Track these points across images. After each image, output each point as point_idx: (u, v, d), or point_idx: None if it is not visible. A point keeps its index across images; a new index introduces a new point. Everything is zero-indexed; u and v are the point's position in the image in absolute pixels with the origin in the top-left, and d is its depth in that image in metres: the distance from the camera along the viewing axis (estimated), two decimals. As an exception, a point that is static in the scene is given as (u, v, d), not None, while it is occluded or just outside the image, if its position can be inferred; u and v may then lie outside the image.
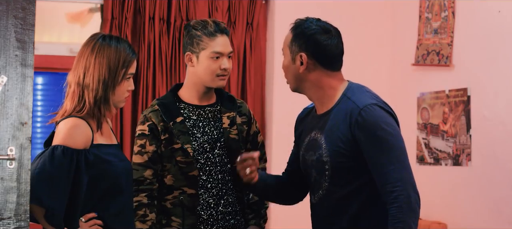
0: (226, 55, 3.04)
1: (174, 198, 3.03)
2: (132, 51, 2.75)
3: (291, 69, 2.80)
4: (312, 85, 2.79)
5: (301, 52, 2.77)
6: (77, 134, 2.63)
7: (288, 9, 5.17)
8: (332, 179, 2.73)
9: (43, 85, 5.04)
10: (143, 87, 4.88)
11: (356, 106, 2.70)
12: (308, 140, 2.84)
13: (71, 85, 2.73)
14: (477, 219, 4.40)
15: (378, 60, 5.30)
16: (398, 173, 2.63)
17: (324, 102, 2.81)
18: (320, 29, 2.79)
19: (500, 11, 4.32)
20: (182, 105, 3.08)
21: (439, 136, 4.74)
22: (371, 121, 2.67)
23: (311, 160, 2.80)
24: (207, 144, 3.05)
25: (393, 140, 2.67)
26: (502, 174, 4.25)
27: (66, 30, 5.19)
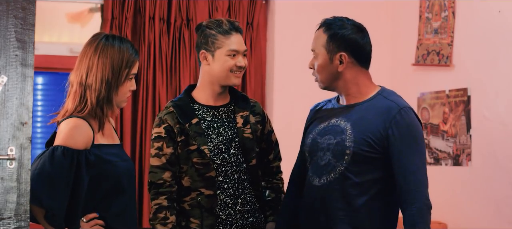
0: (242, 53, 3.07)
1: (192, 199, 3.04)
2: (135, 51, 2.75)
3: (328, 68, 2.88)
4: (347, 82, 2.90)
5: (341, 52, 2.87)
6: (77, 134, 2.63)
7: (288, 9, 5.17)
8: (350, 165, 2.80)
9: (43, 85, 5.04)
10: (143, 87, 4.88)
11: (396, 105, 2.82)
12: (326, 125, 2.91)
13: (73, 85, 2.72)
14: (477, 219, 4.40)
15: (378, 60, 5.27)
16: (423, 177, 2.77)
17: (354, 96, 2.91)
18: (355, 28, 2.93)
19: (500, 11, 4.32)
20: (196, 106, 3.09)
21: (439, 136, 4.74)
22: (408, 122, 2.79)
23: (327, 143, 2.86)
24: (223, 145, 3.06)
25: (423, 146, 2.82)
26: (502, 174, 4.26)
27: (66, 30, 5.19)
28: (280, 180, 3.27)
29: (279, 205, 3.21)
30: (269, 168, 3.24)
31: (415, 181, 2.74)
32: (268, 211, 3.19)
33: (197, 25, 3.18)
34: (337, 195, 2.81)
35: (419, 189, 2.73)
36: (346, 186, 2.80)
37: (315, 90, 5.09)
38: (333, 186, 2.82)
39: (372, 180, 2.80)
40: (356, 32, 2.91)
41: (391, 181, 2.80)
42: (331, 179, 2.83)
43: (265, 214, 3.18)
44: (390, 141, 2.77)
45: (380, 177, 2.80)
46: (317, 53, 2.91)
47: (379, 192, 2.81)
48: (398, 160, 2.76)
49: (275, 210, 3.19)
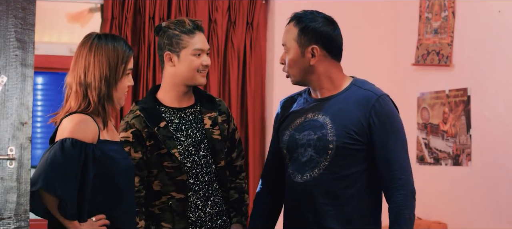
0: (206, 51, 3.04)
1: (162, 203, 3.00)
2: (128, 47, 2.75)
3: (300, 62, 2.86)
4: (320, 76, 2.87)
5: (313, 45, 2.84)
6: (85, 128, 2.63)
7: (288, 9, 5.13)
8: (334, 159, 2.79)
9: (43, 85, 5.04)
10: (143, 87, 4.88)
11: (373, 94, 2.82)
12: (302, 120, 2.88)
13: (72, 86, 2.72)
14: (477, 219, 4.40)
15: (378, 60, 5.30)
16: (406, 163, 2.78)
17: (326, 90, 2.88)
18: (326, 20, 2.92)
19: (500, 11, 4.32)
20: (163, 109, 3.05)
21: (439, 136, 4.74)
22: (387, 110, 2.80)
23: (307, 139, 2.84)
24: (192, 147, 3.03)
25: (403, 133, 2.82)
26: (502, 174, 4.26)
27: (66, 30, 5.19)
28: (243, 179, 3.24)
29: (243, 205, 3.19)
30: (232, 167, 3.21)
31: (399, 168, 2.74)
32: (232, 212, 3.17)
33: (156, 26, 3.13)
34: (323, 190, 2.80)
35: (403, 176, 2.74)
36: (331, 180, 2.79)
37: (315, 90, 5.09)
38: (318, 182, 2.80)
39: (356, 172, 2.79)
40: (327, 24, 2.89)
41: (375, 171, 2.80)
42: (315, 175, 2.81)
43: (229, 216, 3.16)
44: (372, 130, 2.76)
45: (365, 168, 2.80)
46: (289, 47, 2.88)
47: (365, 184, 2.80)
48: (381, 148, 2.76)
49: (238, 211, 3.17)
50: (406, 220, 2.73)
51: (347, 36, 5.26)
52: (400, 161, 2.75)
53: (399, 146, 2.77)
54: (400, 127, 2.81)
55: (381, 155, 2.76)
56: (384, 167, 2.76)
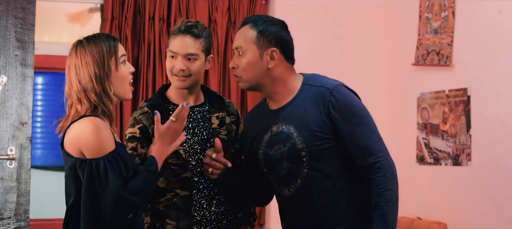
0: (181, 55, 3.00)
1: (167, 200, 3.01)
2: (111, 38, 2.75)
3: (257, 65, 2.82)
4: (274, 80, 2.84)
5: (272, 48, 2.82)
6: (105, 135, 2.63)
7: (288, 9, 5.17)
8: (311, 164, 2.78)
9: (43, 85, 5.04)
10: (143, 87, 4.88)
11: (325, 89, 2.79)
12: (269, 135, 2.87)
13: (72, 95, 2.71)
14: (477, 219, 4.40)
15: (378, 60, 5.30)
16: (378, 145, 2.74)
17: (281, 96, 2.86)
18: (281, 24, 2.89)
19: (500, 11, 4.32)
20: (171, 107, 3.06)
21: (439, 136, 4.74)
22: (344, 100, 2.77)
23: (279, 152, 2.83)
24: (198, 145, 3.04)
25: (365, 115, 2.79)
26: (502, 174, 4.25)
27: (66, 30, 5.19)
28: None
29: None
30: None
31: (372, 153, 2.72)
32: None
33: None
34: (312, 196, 2.80)
35: (378, 159, 2.71)
36: (317, 184, 2.79)
37: (315, 90, 5.09)
38: (305, 190, 2.80)
39: (337, 167, 2.79)
40: (284, 29, 2.87)
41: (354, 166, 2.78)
42: (299, 184, 2.81)
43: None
44: (335, 124, 2.75)
45: (344, 162, 2.79)
46: (245, 50, 2.83)
47: (350, 176, 2.79)
48: (350, 140, 2.74)
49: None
50: (388, 202, 2.69)
51: (347, 36, 5.30)
52: (371, 145, 2.73)
53: (366, 130, 2.75)
54: (361, 111, 2.78)
55: (352, 146, 2.74)
56: (358, 156, 2.74)
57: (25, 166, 2.96)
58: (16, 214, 2.89)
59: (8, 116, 2.86)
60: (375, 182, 2.70)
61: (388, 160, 2.74)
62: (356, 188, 2.80)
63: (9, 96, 2.91)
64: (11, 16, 2.84)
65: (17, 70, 2.87)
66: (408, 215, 4.86)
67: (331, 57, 5.22)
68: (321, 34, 5.22)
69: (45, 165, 5.12)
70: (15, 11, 2.86)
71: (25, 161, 2.96)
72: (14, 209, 2.87)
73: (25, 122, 2.92)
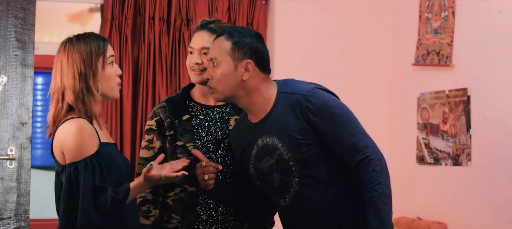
0: (197, 50, 3.04)
1: (175, 195, 3.04)
2: (101, 38, 2.76)
3: (232, 77, 2.80)
4: (249, 92, 2.82)
5: (246, 59, 2.79)
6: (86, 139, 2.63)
7: (288, 9, 5.17)
8: (300, 172, 2.76)
9: (43, 85, 5.04)
10: (143, 87, 4.88)
11: (300, 95, 2.75)
12: (256, 150, 2.86)
13: (54, 93, 2.74)
14: (477, 219, 4.40)
15: (378, 60, 5.30)
16: (363, 141, 2.71)
17: (259, 108, 2.83)
18: (257, 35, 2.86)
19: (500, 11, 4.32)
20: (191, 104, 3.09)
21: (439, 136, 4.74)
22: (320, 103, 2.74)
23: (268, 165, 2.82)
24: (211, 144, 3.06)
25: (346, 113, 2.75)
26: (502, 174, 4.26)
27: (66, 30, 5.19)
28: None
29: None
30: None
31: (358, 150, 2.69)
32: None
33: None
34: (309, 203, 2.79)
35: (365, 155, 2.68)
36: (311, 191, 2.78)
37: (315, 90, 5.09)
38: (301, 199, 2.79)
39: (329, 170, 2.77)
40: (258, 40, 2.84)
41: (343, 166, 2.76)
42: (293, 194, 2.80)
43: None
44: (316, 129, 2.72)
45: (334, 167, 2.77)
46: (219, 61, 2.80)
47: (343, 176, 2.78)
48: (334, 142, 2.72)
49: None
50: (380, 196, 2.65)
51: (347, 36, 5.30)
52: (356, 142, 2.69)
53: (349, 129, 2.71)
54: (340, 110, 2.75)
55: (338, 147, 2.72)
56: (346, 156, 2.72)
57: (25, 166, 2.96)
58: (16, 214, 2.89)
59: (8, 116, 2.86)
60: (366, 178, 2.67)
61: (376, 154, 2.70)
62: (351, 186, 2.78)
63: (9, 96, 2.90)
64: (11, 16, 2.84)
65: (17, 70, 2.86)
66: (408, 215, 4.86)
67: (331, 57, 5.22)
68: (321, 34, 5.22)
69: (45, 165, 5.12)
70: (15, 11, 2.86)
71: (25, 161, 2.95)
72: (14, 209, 2.87)
73: (25, 122, 2.92)
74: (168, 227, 3.03)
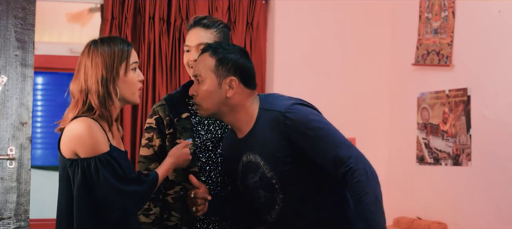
0: (194, 47, 3.04)
1: (175, 193, 3.05)
2: (126, 43, 2.77)
3: (216, 94, 2.79)
4: (234, 108, 2.81)
5: (230, 76, 2.78)
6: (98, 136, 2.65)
7: (288, 9, 5.17)
8: (284, 189, 2.74)
9: (43, 85, 5.05)
10: (143, 87, 4.88)
11: (278, 113, 2.73)
12: (241, 166, 2.86)
13: (75, 94, 2.75)
14: (477, 219, 4.40)
15: (378, 60, 5.30)
16: (345, 152, 2.64)
17: (243, 124, 2.82)
18: (242, 52, 2.85)
19: (500, 11, 4.32)
20: (191, 101, 3.10)
21: (439, 136, 4.74)
22: (299, 119, 2.70)
23: (253, 182, 2.82)
24: (210, 143, 3.06)
25: (326, 127, 2.70)
26: (502, 174, 4.26)
27: (66, 30, 5.20)
28: None
29: None
30: None
31: (342, 162, 2.62)
32: None
33: None
34: (296, 219, 2.78)
35: (349, 166, 2.61)
36: (297, 208, 2.76)
37: (314, 90, 5.10)
38: (286, 216, 2.78)
39: (313, 187, 2.75)
40: (243, 56, 2.83)
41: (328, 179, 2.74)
42: (279, 211, 2.79)
43: None
44: (297, 145, 2.69)
45: (318, 183, 2.75)
46: (204, 78, 2.79)
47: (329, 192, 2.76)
48: (316, 156, 2.68)
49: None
50: (369, 206, 2.59)
51: (347, 36, 5.30)
52: (339, 154, 2.63)
53: (330, 141, 2.66)
54: (320, 123, 2.70)
55: (321, 161, 2.68)
56: (331, 169, 2.67)
57: (25, 166, 2.96)
58: (16, 214, 2.89)
59: (8, 116, 2.86)
60: (353, 189, 2.61)
61: (361, 163, 2.63)
62: (338, 196, 2.76)
63: (9, 96, 2.90)
64: (11, 16, 2.84)
65: (17, 70, 2.87)
66: (408, 215, 4.86)
67: (331, 57, 5.22)
68: (321, 34, 5.23)
69: (45, 165, 5.12)
70: (15, 11, 2.86)
71: (25, 161, 2.95)
72: (14, 209, 2.87)
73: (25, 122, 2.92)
74: (168, 225, 3.04)
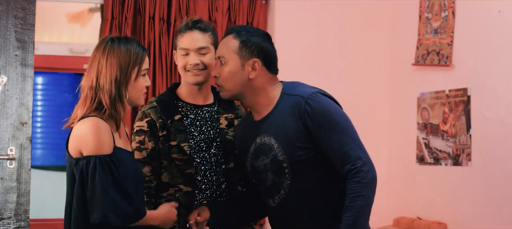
0: (193, 50, 3.04)
1: (169, 195, 3.04)
2: (141, 48, 2.78)
3: (239, 75, 2.83)
4: (255, 90, 2.84)
5: (254, 58, 2.82)
6: (104, 136, 2.64)
7: (288, 9, 5.17)
8: (293, 175, 2.77)
9: (43, 85, 5.05)
10: (143, 87, 4.88)
11: (301, 98, 2.77)
12: (254, 147, 2.88)
13: (84, 89, 2.74)
14: (477, 219, 4.40)
15: (378, 60, 5.30)
16: (355, 152, 2.69)
17: (263, 107, 2.86)
18: (265, 35, 2.89)
19: (500, 11, 4.32)
20: (180, 103, 3.10)
21: (439, 136, 4.74)
22: (319, 108, 2.74)
23: (263, 164, 2.84)
24: (204, 143, 3.06)
25: (343, 122, 2.75)
26: (502, 174, 4.26)
27: (66, 30, 5.20)
28: None
29: None
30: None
31: (349, 160, 2.68)
32: None
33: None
34: (297, 208, 2.79)
35: (356, 165, 2.67)
36: (301, 196, 2.78)
37: (315, 90, 5.09)
38: (289, 202, 2.80)
39: (321, 178, 2.77)
40: (266, 39, 2.87)
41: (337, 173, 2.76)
42: (283, 196, 2.81)
43: None
44: (312, 133, 2.73)
45: (327, 172, 2.77)
46: (227, 59, 2.84)
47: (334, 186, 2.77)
48: (327, 148, 2.72)
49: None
50: (357, 210, 2.64)
51: (347, 36, 5.30)
52: (349, 152, 2.69)
53: (344, 137, 2.71)
54: (339, 118, 2.75)
55: (330, 154, 2.73)
56: (338, 163, 2.72)
57: (25, 166, 2.96)
58: (16, 214, 2.89)
59: (8, 116, 2.86)
60: (350, 187, 2.66)
61: (367, 167, 2.68)
62: (341, 194, 2.76)
63: (9, 96, 2.91)
64: (11, 16, 2.85)
65: (17, 70, 2.87)
66: (408, 215, 4.86)
67: (331, 57, 5.22)
68: (321, 34, 5.23)
69: (45, 165, 5.12)
70: (15, 11, 2.87)
71: (25, 161, 2.95)
72: (14, 209, 2.87)
73: (25, 122, 2.92)
74: None
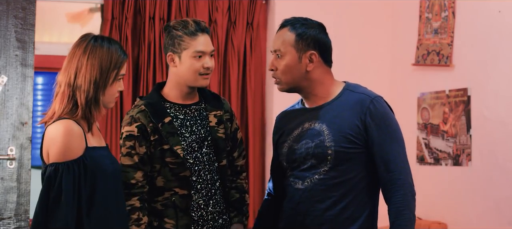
0: (208, 53, 3.03)
1: (165, 199, 3.01)
2: (123, 52, 2.73)
3: (296, 68, 2.84)
4: (312, 82, 2.86)
5: (311, 50, 2.84)
6: (73, 141, 2.59)
7: (288, 9, 5.16)
8: (334, 165, 2.78)
9: (43, 85, 5.04)
10: (143, 87, 4.88)
11: (366, 96, 2.82)
12: (299, 131, 2.88)
13: (61, 85, 2.68)
14: (477, 219, 4.40)
15: (378, 60, 5.30)
16: (404, 163, 2.78)
17: (319, 98, 2.88)
18: (321, 27, 2.90)
19: (500, 11, 4.32)
20: (167, 105, 3.06)
21: (439, 136, 4.74)
22: (382, 111, 2.80)
23: (305, 147, 2.83)
24: (195, 143, 3.05)
25: (399, 132, 2.82)
26: (502, 174, 4.26)
27: (66, 30, 5.19)
28: (244, 179, 3.25)
29: (244, 205, 3.19)
30: (233, 167, 3.21)
31: (397, 169, 2.74)
32: (233, 212, 3.17)
33: (165, 26, 3.12)
34: (323, 196, 2.80)
35: (401, 176, 2.74)
36: (331, 186, 2.79)
37: (315, 90, 5.09)
38: (318, 187, 2.80)
39: (356, 177, 2.79)
40: (322, 31, 2.89)
41: (373, 178, 2.80)
42: (315, 180, 2.81)
43: (230, 215, 3.16)
44: (368, 132, 2.77)
45: (364, 174, 2.80)
46: (284, 53, 2.84)
47: (364, 190, 2.80)
48: (378, 149, 2.76)
49: (239, 210, 3.18)
50: (406, 221, 2.73)
51: (347, 36, 5.31)
52: (397, 161, 2.75)
53: (396, 146, 2.78)
54: (396, 128, 2.82)
55: (378, 156, 2.76)
56: (382, 168, 2.76)
57: (25, 166, 2.96)
58: (16, 214, 2.89)
59: (8, 116, 2.86)
60: (395, 199, 2.73)
61: (410, 182, 2.77)
62: (364, 205, 2.80)
63: (9, 96, 2.91)
64: (11, 16, 2.85)
65: (17, 70, 2.87)
66: (408, 215, 4.86)
67: (331, 57, 5.22)
68: (321, 34, 5.22)
69: (45, 165, 5.12)
70: (15, 11, 2.87)
71: (25, 161, 2.96)
72: (14, 209, 2.88)
73: (25, 122, 2.93)
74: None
